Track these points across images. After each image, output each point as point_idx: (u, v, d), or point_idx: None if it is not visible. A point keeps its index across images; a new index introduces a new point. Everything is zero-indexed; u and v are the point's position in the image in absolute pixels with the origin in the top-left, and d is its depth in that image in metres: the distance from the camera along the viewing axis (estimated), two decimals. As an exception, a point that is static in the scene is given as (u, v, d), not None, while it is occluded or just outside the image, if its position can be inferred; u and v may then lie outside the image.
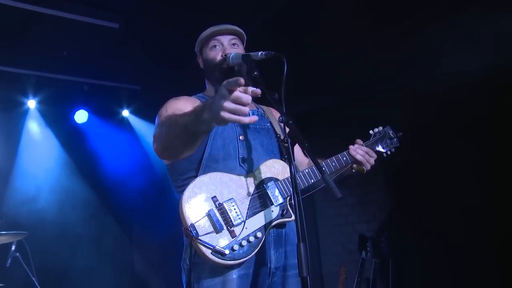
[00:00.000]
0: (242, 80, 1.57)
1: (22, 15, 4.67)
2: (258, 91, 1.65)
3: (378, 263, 4.55)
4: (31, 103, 6.07)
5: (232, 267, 2.07)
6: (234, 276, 2.08)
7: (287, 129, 1.91)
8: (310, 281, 1.73)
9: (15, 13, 4.60)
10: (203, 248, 2.00)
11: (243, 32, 2.51)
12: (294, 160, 1.90)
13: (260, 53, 2.12)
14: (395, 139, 2.63)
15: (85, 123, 6.39)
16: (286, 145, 1.89)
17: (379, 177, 5.21)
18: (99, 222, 6.37)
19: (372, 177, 2.69)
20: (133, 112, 6.67)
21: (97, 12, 4.77)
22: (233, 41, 2.45)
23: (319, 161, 2.36)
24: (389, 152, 2.62)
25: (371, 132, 2.62)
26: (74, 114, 6.32)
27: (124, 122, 6.71)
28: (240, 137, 2.27)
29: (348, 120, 5.19)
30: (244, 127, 2.32)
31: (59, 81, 5.89)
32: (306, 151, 1.97)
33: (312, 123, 5.42)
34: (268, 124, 2.45)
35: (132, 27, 4.90)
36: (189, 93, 2.54)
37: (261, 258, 2.16)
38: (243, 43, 2.54)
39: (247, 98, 1.61)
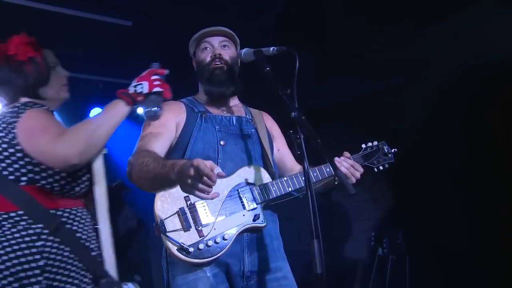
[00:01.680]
0: (214, 178, 1.69)
1: (36, 15, 4.71)
2: (223, 173, 1.75)
3: (395, 260, 4.51)
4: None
5: (201, 265, 2.11)
6: (208, 274, 2.12)
7: (300, 125, 1.89)
8: (325, 278, 1.73)
9: (29, 13, 4.64)
10: (170, 245, 2.06)
11: (234, 34, 2.54)
12: (306, 158, 1.89)
13: (272, 48, 2.15)
14: (389, 155, 2.62)
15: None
16: (298, 141, 1.88)
17: (396, 173, 5.15)
18: (114, 220, 6.41)
19: (388, 173, 2.67)
20: (148, 109, 6.68)
21: (110, 10, 4.80)
22: (224, 43, 2.48)
23: (300, 171, 2.41)
24: (381, 168, 2.61)
25: (363, 145, 2.61)
26: (90, 112, 6.36)
27: (139, 119, 6.72)
28: (221, 142, 2.30)
29: (351, 119, 5.15)
30: (226, 132, 2.35)
31: (75, 80, 5.88)
32: (318, 147, 1.97)
33: (316, 121, 5.37)
34: (252, 130, 2.46)
35: (145, 25, 4.91)
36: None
37: (233, 261, 2.18)
38: (235, 45, 2.56)
39: (213, 181, 1.71)
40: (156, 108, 2.09)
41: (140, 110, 6.13)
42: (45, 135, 1.95)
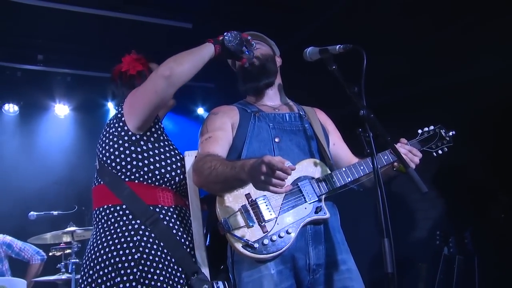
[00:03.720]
0: (288, 171, 1.78)
1: (99, 21, 4.90)
2: (294, 167, 1.83)
3: (462, 260, 4.36)
4: (111, 104, 6.45)
5: (266, 261, 2.12)
6: (273, 272, 2.12)
7: (369, 123, 1.88)
8: (396, 277, 1.72)
9: (92, 20, 4.84)
10: (235, 242, 2.08)
11: (263, 36, 2.60)
12: (376, 154, 1.88)
13: (338, 46, 2.14)
14: (447, 139, 2.54)
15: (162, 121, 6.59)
16: (368, 139, 1.87)
17: (462, 168, 4.99)
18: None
19: (454, 169, 2.60)
20: (208, 109, 6.84)
21: (170, 14, 4.91)
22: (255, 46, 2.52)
23: (360, 160, 2.35)
24: (440, 152, 2.53)
25: (419, 131, 2.55)
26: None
27: (199, 119, 6.88)
28: (276, 139, 2.31)
29: (406, 117, 5.04)
30: (280, 129, 2.37)
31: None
32: (389, 145, 1.96)
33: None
34: (306, 125, 2.46)
35: (205, 27, 4.99)
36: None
37: (298, 254, 2.18)
38: (269, 45, 2.60)
39: (286, 175, 1.79)
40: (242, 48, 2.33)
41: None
42: (141, 86, 2.19)
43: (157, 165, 2.19)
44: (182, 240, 2.17)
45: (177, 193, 2.27)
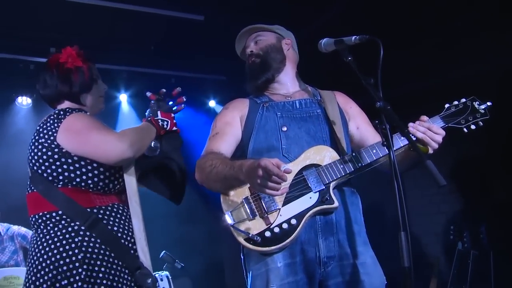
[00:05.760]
0: (285, 177, 1.80)
1: (110, 14, 4.89)
2: (290, 170, 1.84)
3: (477, 256, 4.30)
4: (123, 97, 6.47)
5: (272, 254, 2.10)
6: (279, 265, 2.09)
7: (385, 115, 1.81)
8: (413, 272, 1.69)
9: (103, 12, 4.83)
10: (238, 236, 2.09)
11: (264, 26, 2.52)
12: (393, 146, 1.81)
13: (354, 37, 2.05)
14: (481, 111, 2.22)
15: (172, 114, 6.59)
16: (384, 131, 1.82)
17: (476, 162, 4.93)
18: (186, 216, 6.37)
19: (466, 163, 2.53)
20: (219, 102, 6.83)
21: (182, 6, 4.89)
22: (257, 38, 2.50)
23: (373, 144, 2.21)
24: (472, 127, 2.20)
25: (446, 105, 2.26)
26: (162, 107, 6.54)
27: (211, 112, 6.86)
28: (283, 128, 2.27)
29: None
30: (288, 117, 2.32)
31: (148, 75, 6.13)
32: (406, 136, 1.92)
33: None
34: (319, 111, 2.36)
35: (217, 19, 4.97)
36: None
37: (308, 247, 2.12)
38: (274, 32, 2.53)
39: (284, 180, 1.81)
40: (157, 144, 2.45)
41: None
42: (97, 132, 2.14)
43: (90, 174, 2.14)
44: (123, 238, 2.17)
45: (113, 193, 2.25)
